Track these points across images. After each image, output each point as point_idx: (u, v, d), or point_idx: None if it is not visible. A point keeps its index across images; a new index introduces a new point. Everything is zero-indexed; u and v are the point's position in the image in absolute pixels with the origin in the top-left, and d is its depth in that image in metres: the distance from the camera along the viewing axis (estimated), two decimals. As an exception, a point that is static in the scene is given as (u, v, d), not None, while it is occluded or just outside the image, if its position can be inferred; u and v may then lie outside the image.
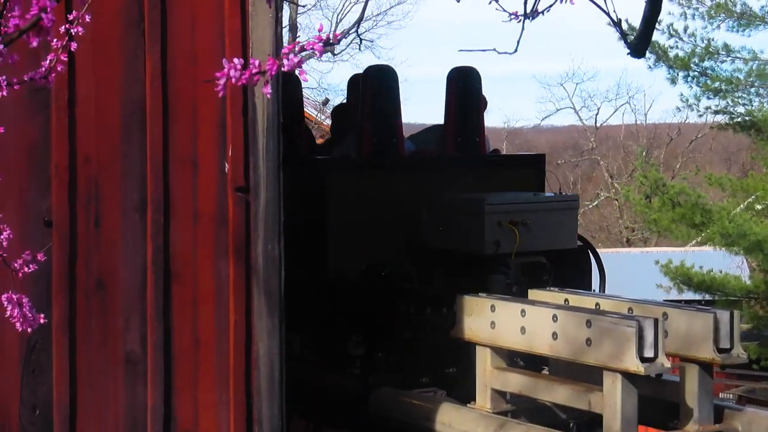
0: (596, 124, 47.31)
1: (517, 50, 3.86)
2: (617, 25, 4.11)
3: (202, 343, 4.72)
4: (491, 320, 5.87)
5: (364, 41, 32.88)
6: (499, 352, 5.94)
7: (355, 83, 7.98)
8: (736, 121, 18.64)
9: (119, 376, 4.66)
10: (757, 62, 18.59)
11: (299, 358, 7.00)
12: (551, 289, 6.35)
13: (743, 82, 18.44)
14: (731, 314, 5.56)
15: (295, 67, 1.60)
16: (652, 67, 18.84)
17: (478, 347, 6.00)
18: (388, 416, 6.39)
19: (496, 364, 5.95)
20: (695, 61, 18.44)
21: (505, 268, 6.87)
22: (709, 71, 18.61)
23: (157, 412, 4.66)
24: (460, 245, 6.97)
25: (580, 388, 5.54)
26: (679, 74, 18.48)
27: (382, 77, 7.68)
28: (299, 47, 1.72)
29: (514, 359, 6.23)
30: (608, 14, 3.85)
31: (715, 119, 19.86)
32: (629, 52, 4.79)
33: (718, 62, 18.78)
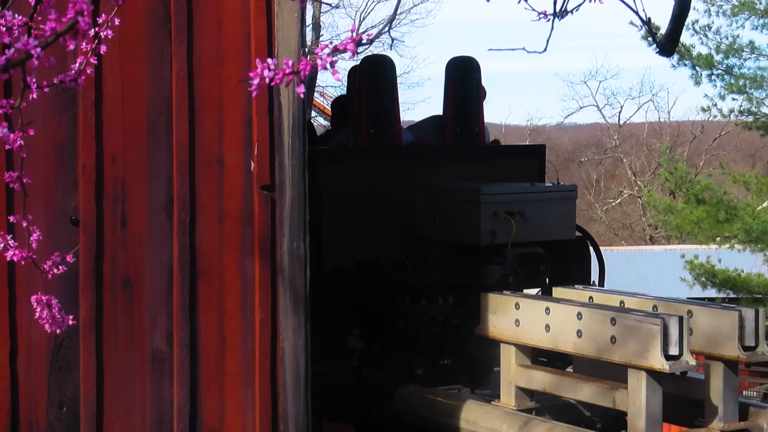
0: (619, 121, 47.19)
1: (546, 49, 3.87)
2: (646, 23, 4.11)
3: (227, 340, 4.74)
4: (516, 318, 5.88)
5: (395, 40, 32.79)
6: (523, 349, 5.95)
7: (354, 74, 7.86)
8: (761, 121, 18.54)
9: (146, 373, 4.68)
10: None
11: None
12: (576, 287, 6.35)
13: (768, 80, 18.35)
14: (756, 312, 5.56)
15: (327, 67, 1.62)
16: (675, 65, 18.79)
17: (502, 345, 6.01)
18: (412, 413, 6.40)
19: (520, 361, 5.96)
20: (719, 58, 18.37)
21: (501, 258, 6.83)
22: (733, 70, 18.53)
23: (183, 409, 4.69)
24: (455, 235, 6.91)
25: (604, 385, 5.54)
26: (702, 73, 18.41)
27: (378, 67, 7.59)
28: (332, 47, 1.74)
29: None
30: (637, 13, 3.85)
31: (738, 119, 19.76)
32: (658, 51, 4.78)
33: (742, 59, 18.71)
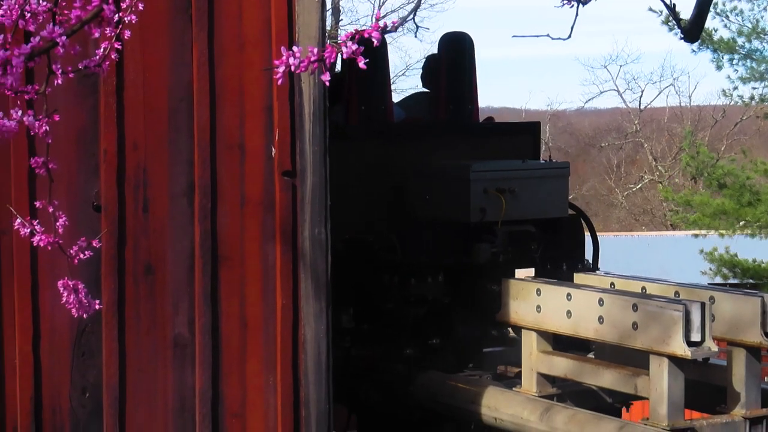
0: (640, 106, 46.97)
1: (571, 35, 3.85)
2: (671, 9, 4.09)
3: (249, 326, 4.75)
4: (537, 304, 5.88)
5: (420, 27, 32.67)
6: (544, 335, 5.95)
7: None
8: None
9: (168, 359, 4.69)
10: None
11: None
12: (598, 272, 6.34)
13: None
14: (779, 298, 5.54)
15: (353, 54, 1.62)
16: (696, 50, 18.69)
17: (524, 331, 6.00)
18: (434, 399, 6.40)
19: (542, 347, 5.95)
20: (741, 42, 18.26)
21: (491, 236, 6.78)
22: (755, 54, 18.42)
23: (205, 395, 4.70)
24: (445, 213, 6.84)
25: (626, 371, 5.53)
26: (724, 57, 18.30)
27: (368, 43, 7.55)
28: (357, 35, 1.74)
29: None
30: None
31: (760, 107, 19.63)
32: (682, 36, 4.76)
33: (765, 42, 18.59)
